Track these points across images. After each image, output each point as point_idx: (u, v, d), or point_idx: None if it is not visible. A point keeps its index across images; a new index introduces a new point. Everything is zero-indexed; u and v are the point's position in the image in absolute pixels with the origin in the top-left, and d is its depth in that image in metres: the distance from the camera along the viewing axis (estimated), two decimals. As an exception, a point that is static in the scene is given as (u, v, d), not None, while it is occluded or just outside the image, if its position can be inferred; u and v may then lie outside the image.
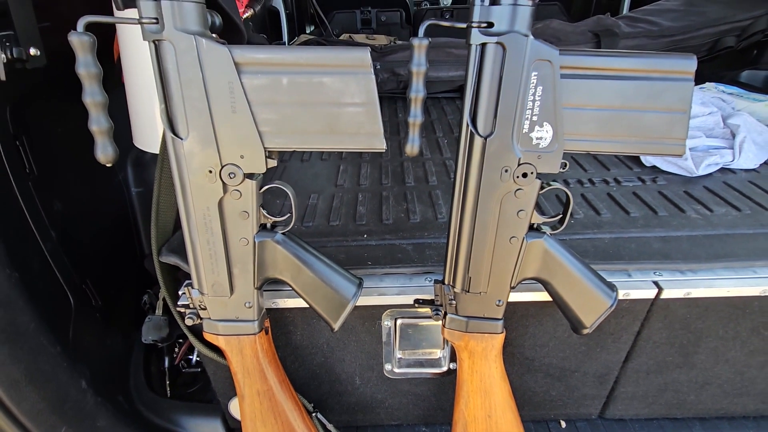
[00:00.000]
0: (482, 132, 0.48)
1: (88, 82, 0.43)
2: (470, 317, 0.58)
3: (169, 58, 0.43)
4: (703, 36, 1.38)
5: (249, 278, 0.54)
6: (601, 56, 0.45)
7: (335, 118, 0.46)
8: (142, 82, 0.74)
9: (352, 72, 0.44)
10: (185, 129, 0.46)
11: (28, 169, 0.66)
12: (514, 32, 0.44)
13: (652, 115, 0.46)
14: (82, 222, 0.80)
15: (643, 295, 0.62)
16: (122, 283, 0.94)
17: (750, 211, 0.77)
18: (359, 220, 0.79)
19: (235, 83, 0.44)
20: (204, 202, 0.49)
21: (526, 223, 0.52)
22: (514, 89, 0.46)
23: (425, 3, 3.82)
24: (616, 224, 0.75)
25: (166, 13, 0.42)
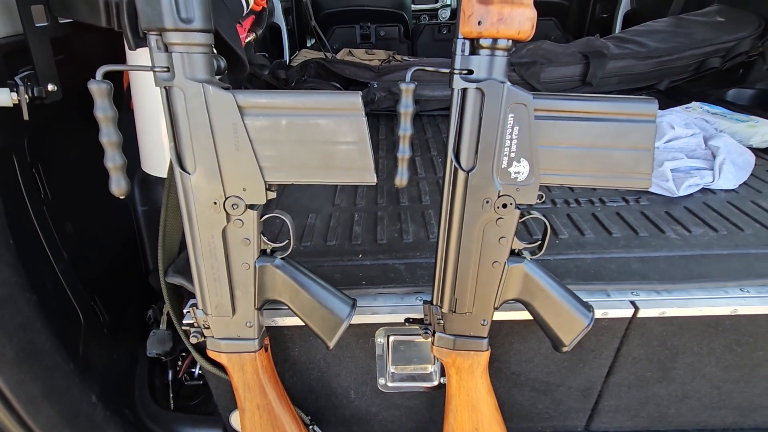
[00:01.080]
0: (465, 167, 0.52)
1: (104, 124, 0.47)
2: (457, 336, 0.62)
3: (179, 103, 0.48)
4: (689, 57, 1.43)
5: (250, 300, 0.58)
6: (571, 100, 0.50)
7: (330, 155, 0.50)
8: (150, 109, 0.78)
9: (345, 114, 0.49)
10: (192, 165, 0.51)
11: (43, 194, 0.70)
12: (491, 79, 0.48)
13: (620, 152, 0.51)
14: (91, 241, 0.84)
15: (621, 314, 0.66)
16: (128, 298, 0.98)
17: (726, 231, 0.81)
18: (355, 239, 0.83)
19: (239, 124, 0.49)
20: (209, 230, 0.54)
21: (508, 248, 0.56)
22: (493, 129, 0.50)
23: (424, 17, 3.90)
24: (599, 244, 0.79)
25: (177, 63, 0.46)
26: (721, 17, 1.53)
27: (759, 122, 1.17)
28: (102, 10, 0.60)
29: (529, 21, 0.45)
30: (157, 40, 0.46)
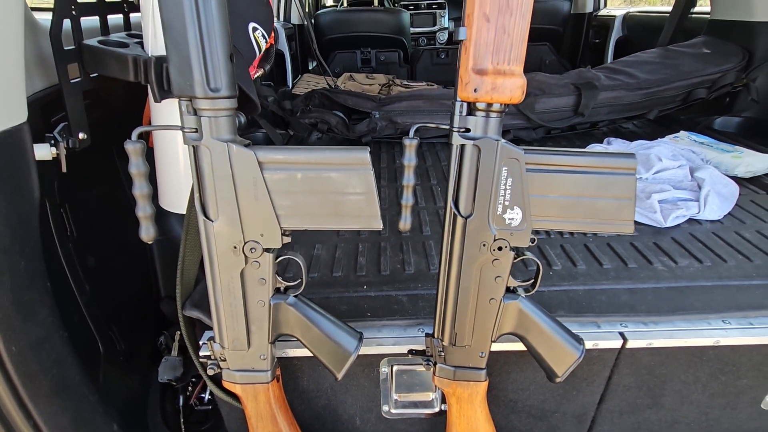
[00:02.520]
0: (463, 213, 0.57)
1: (138, 179, 0.52)
2: (457, 367, 0.66)
3: (205, 160, 0.53)
4: (676, 88, 1.50)
5: (264, 335, 0.62)
6: (559, 155, 0.55)
7: (340, 204, 0.55)
8: (170, 152, 0.83)
9: (354, 168, 0.54)
10: (215, 213, 0.56)
11: (69, 232, 0.75)
12: (487, 138, 0.53)
13: (604, 201, 0.56)
14: (110, 273, 0.89)
15: (611, 345, 0.70)
16: (141, 325, 1.01)
17: (710, 263, 0.86)
18: (359, 270, 0.87)
19: (258, 178, 0.54)
20: (229, 272, 0.58)
21: (503, 286, 0.61)
22: (488, 181, 0.55)
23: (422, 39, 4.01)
24: (590, 276, 0.83)
25: (205, 126, 0.51)
26: (707, 49, 1.61)
27: (743, 153, 1.23)
28: (131, 68, 0.66)
29: (519, 89, 0.51)
30: (188, 105, 0.51)
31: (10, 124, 0.48)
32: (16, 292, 0.49)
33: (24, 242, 0.50)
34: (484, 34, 0.48)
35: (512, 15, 0.48)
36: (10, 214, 0.48)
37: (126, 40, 0.72)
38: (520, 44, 0.49)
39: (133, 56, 0.65)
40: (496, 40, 0.48)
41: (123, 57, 0.65)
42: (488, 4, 0.47)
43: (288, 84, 2.57)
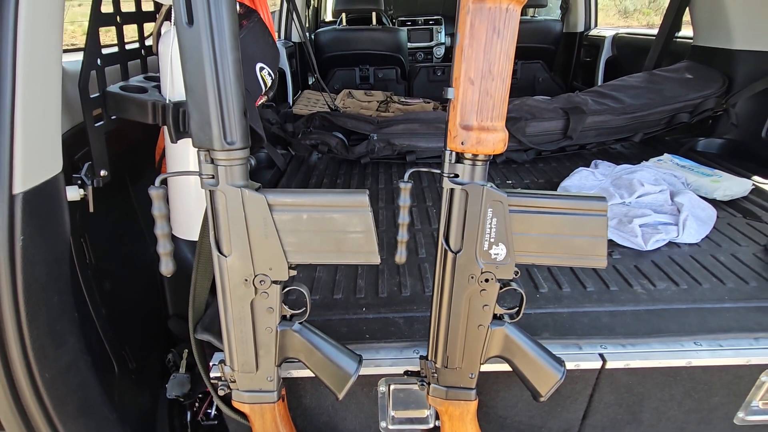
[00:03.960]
0: (453, 249, 0.63)
1: (159, 220, 0.58)
2: (449, 387, 0.71)
3: (220, 202, 0.59)
4: (660, 112, 1.57)
5: (271, 358, 0.68)
6: (539, 197, 0.61)
7: (342, 241, 0.61)
8: (182, 180, 0.89)
9: (354, 210, 0.60)
10: (229, 249, 0.61)
11: (88, 260, 0.80)
12: (473, 183, 0.60)
13: (579, 239, 0.62)
14: (123, 294, 0.94)
15: (591, 366, 0.76)
16: (150, 343, 1.07)
17: (686, 286, 0.92)
18: (358, 293, 0.93)
19: (268, 218, 0.60)
20: (240, 302, 0.64)
21: (490, 314, 0.67)
22: (475, 220, 0.61)
23: (419, 54, 4.10)
24: (574, 298, 0.89)
25: (221, 173, 0.57)
26: (690, 74, 1.68)
27: (722, 177, 1.30)
28: (150, 112, 0.72)
29: (501, 142, 0.57)
30: (206, 155, 0.57)
31: (50, 175, 0.53)
32: (49, 323, 0.55)
33: (57, 278, 0.56)
34: (470, 96, 0.55)
35: (494, 80, 0.54)
36: (47, 255, 0.54)
37: (144, 84, 0.78)
38: (501, 104, 0.55)
39: (152, 101, 0.71)
40: (480, 101, 0.55)
41: (143, 102, 0.71)
42: (473, 70, 0.54)
43: (288, 100, 2.64)
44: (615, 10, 15.38)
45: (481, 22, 0.52)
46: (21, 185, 0.49)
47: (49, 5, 0.51)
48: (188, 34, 0.51)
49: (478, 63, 0.53)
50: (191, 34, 0.50)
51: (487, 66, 0.54)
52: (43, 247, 0.53)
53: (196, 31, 0.50)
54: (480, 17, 0.52)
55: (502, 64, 0.54)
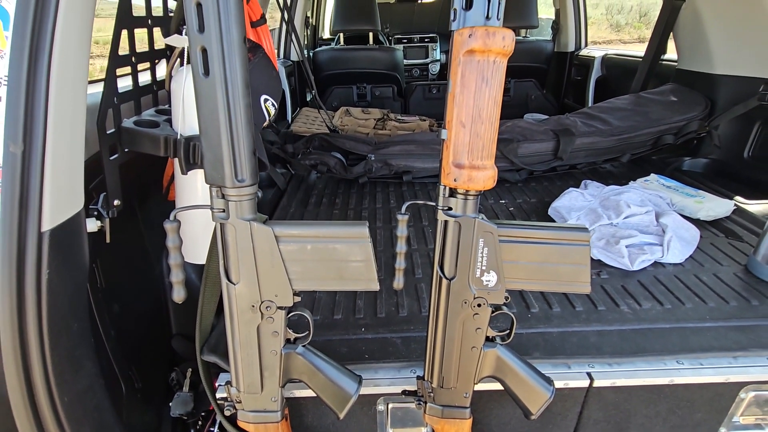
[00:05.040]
0: (447, 276, 0.68)
1: (173, 252, 0.62)
2: (444, 406, 0.75)
3: (230, 235, 0.63)
4: (646, 134, 1.64)
5: (275, 380, 0.71)
6: (526, 228, 0.66)
7: (343, 270, 0.66)
8: (190, 200, 0.93)
9: (355, 241, 0.64)
10: (237, 277, 0.66)
11: (99, 284, 0.84)
12: (466, 216, 0.64)
13: (564, 266, 0.66)
14: (130, 315, 0.98)
15: (580, 385, 0.80)
16: (154, 362, 1.09)
17: (670, 305, 0.97)
18: (358, 313, 0.97)
19: (274, 249, 0.64)
20: (247, 326, 0.68)
21: (483, 336, 0.71)
22: (468, 250, 0.66)
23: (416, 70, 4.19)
24: (564, 318, 0.94)
25: (231, 208, 0.62)
26: (675, 97, 1.76)
27: (705, 198, 1.36)
28: (162, 145, 0.76)
29: (491, 179, 0.62)
30: (217, 191, 0.62)
31: (74, 212, 0.57)
32: (69, 350, 0.58)
33: (77, 306, 0.59)
34: (461, 137, 0.60)
35: (483, 123, 0.59)
36: (68, 285, 0.57)
37: (156, 117, 0.83)
38: (491, 145, 0.60)
39: (164, 136, 0.75)
40: (471, 142, 0.60)
41: (156, 137, 0.75)
42: (464, 114, 0.59)
43: (287, 118, 2.70)
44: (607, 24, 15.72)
45: (471, 72, 0.57)
46: (49, 223, 0.53)
47: (77, 54, 0.55)
48: (204, 84, 0.55)
49: (469, 108, 0.59)
50: (207, 83, 0.55)
51: (476, 111, 0.59)
52: (65, 278, 0.56)
53: (212, 82, 0.55)
54: (470, 68, 0.57)
55: (490, 109, 0.59)
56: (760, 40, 1.50)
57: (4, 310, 0.50)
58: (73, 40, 0.54)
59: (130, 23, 0.76)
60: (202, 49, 0.54)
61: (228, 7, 0.53)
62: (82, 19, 0.55)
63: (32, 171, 0.50)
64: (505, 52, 0.56)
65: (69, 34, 0.53)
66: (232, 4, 0.53)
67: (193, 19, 0.53)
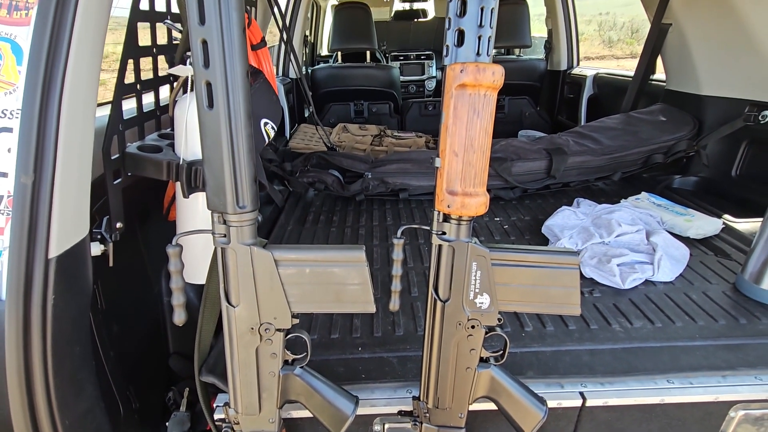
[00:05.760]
0: (442, 298, 0.70)
1: (175, 276, 0.64)
2: (440, 426, 0.76)
3: (231, 259, 0.65)
4: (636, 153, 1.68)
5: (273, 401, 0.73)
6: (518, 252, 0.68)
7: (341, 293, 0.67)
8: (189, 226, 0.95)
9: (352, 264, 0.66)
10: (237, 300, 0.67)
11: (100, 305, 0.85)
12: (459, 240, 0.67)
13: (555, 289, 0.69)
14: (129, 335, 0.98)
15: (572, 404, 0.81)
16: (152, 381, 1.10)
17: (660, 324, 0.99)
18: (354, 332, 0.98)
19: (274, 272, 0.66)
20: (246, 349, 0.69)
21: (477, 357, 0.73)
22: (461, 273, 0.68)
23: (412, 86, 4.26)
24: (557, 337, 0.95)
25: (233, 233, 0.64)
26: (664, 116, 1.81)
27: (694, 216, 1.39)
28: (164, 169, 0.79)
29: (483, 205, 0.64)
30: (218, 217, 0.64)
31: (79, 238, 0.59)
32: (71, 373, 0.59)
33: (80, 330, 0.61)
34: (454, 166, 0.62)
35: (475, 152, 0.62)
36: (72, 310, 0.59)
37: (159, 142, 0.85)
38: (482, 172, 0.63)
39: (167, 161, 0.78)
40: (464, 170, 0.62)
41: (159, 162, 0.78)
42: (456, 144, 0.62)
43: (286, 134, 2.74)
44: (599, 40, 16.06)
45: (463, 105, 0.60)
46: (55, 250, 0.54)
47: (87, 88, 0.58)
48: (209, 116, 0.58)
49: (461, 138, 0.61)
50: (211, 115, 0.58)
51: (469, 141, 0.61)
52: (70, 303, 0.58)
53: (216, 114, 0.58)
54: (462, 101, 0.60)
55: (482, 139, 0.62)
56: (744, 63, 1.56)
57: (10, 336, 0.51)
58: (83, 75, 0.56)
59: (136, 53, 0.79)
60: (207, 83, 0.57)
61: (232, 44, 0.55)
62: (92, 54, 0.58)
63: (41, 201, 0.52)
64: (495, 86, 0.59)
65: (80, 69, 0.55)
66: (235, 42, 0.56)
67: (199, 55, 0.56)
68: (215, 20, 0.54)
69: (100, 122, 0.81)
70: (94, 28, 0.58)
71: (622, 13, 15.64)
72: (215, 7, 0.53)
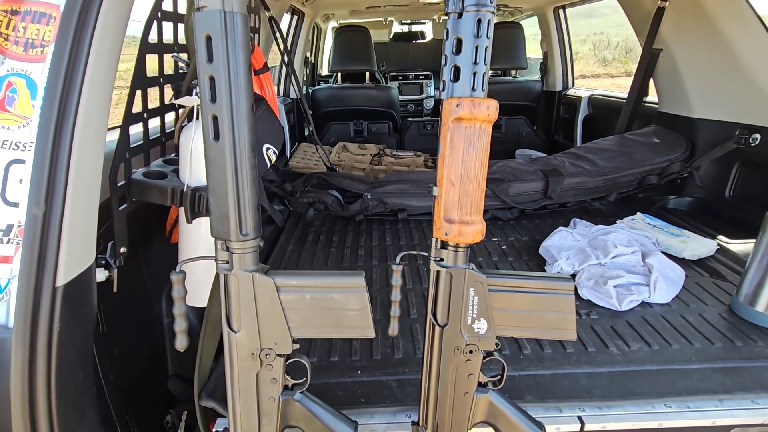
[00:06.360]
0: (440, 323, 0.71)
1: (178, 302, 0.65)
2: (439, 452, 0.76)
3: (233, 285, 0.66)
4: (631, 174, 1.71)
5: (273, 426, 0.73)
6: (514, 278, 0.70)
7: (340, 318, 0.68)
8: (192, 250, 0.97)
9: (352, 291, 0.68)
10: (238, 326, 0.68)
11: (101, 328, 0.86)
12: (457, 267, 0.68)
13: (551, 314, 0.70)
14: (130, 358, 0.99)
15: (571, 429, 0.82)
16: (150, 404, 1.09)
17: (657, 347, 0.99)
18: (354, 355, 0.99)
19: (275, 298, 0.67)
20: (246, 374, 0.70)
21: (475, 382, 0.73)
22: (459, 298, 0.69)
23: (411, 105, 4.33)
24: (555, 360, 0.96)
25: (235, 260, 0.65)
26: (657, 138, 1.84)
27: (689, 238, 1.41)
28: (169, 195, 0.81)
29: (479, 233, 0.66)
30: (222, 244, 0.65)
31: (86, 266, 0.61)
32: (74, 400, 0.60)
33: (83, 356, 0.61)
34: (451, 195, 0.64)
35: (471, 182, 0.64)
36: (77, 337, 0.60)
37: (163, 168, 0.87)
38: (478, 201, 0.65)
39: (171, 187, 0.80)
40: (460, 200, 0.64)
41: (164, 188, 0.80)
42: (453, 174, 0.64)
43: (286, 153, 2.77)
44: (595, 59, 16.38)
45: (459, 137, 0.63)
46: (63, 278, 0.56)
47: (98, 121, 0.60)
48: (214, 148, 0.60)
49: (458, 169, 0.63)
50: (217, 147, 0.60)
51: (465, 171, 0.64)
52: (75, 330, 0.59)
53: (222, 145, 0.60)
54: (458, 133, 0.62)
55: (477, 170, 0.64)
56: (733, 88, 1.60)
57: (16, 364, 0.52)
58: (95, 108, 0.59)
59: (144, 84, 0.82)
60: (214, 117, 0.59)
61: (238, 80, 0.58)
62: (103, 88, 0.60)
63: (51, 231, 0.54)
64: (490, 119, 0.62)
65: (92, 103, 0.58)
66: (242, 78, 0.58)
67: (207, 91, 0.58)
68: (222, 58, 0.57)
69: (106, 147, 0.83)
70: (106, 64, 0.61)
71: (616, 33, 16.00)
72: (222, 46, 0.56)
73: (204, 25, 0.55)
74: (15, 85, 0.59)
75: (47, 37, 0.58)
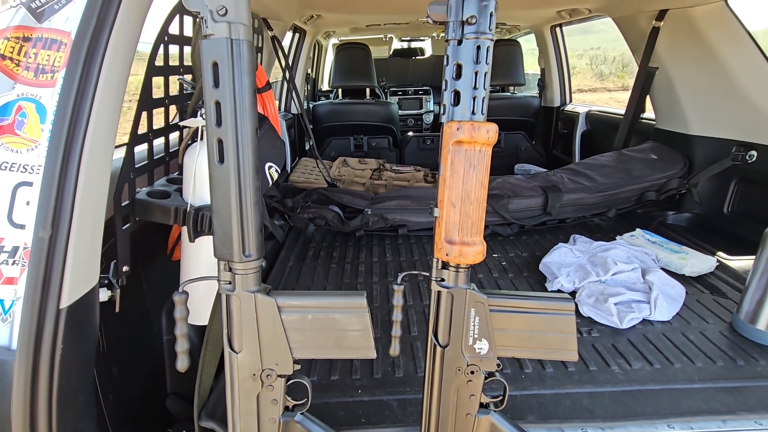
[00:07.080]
0: (441, 343, 0.71)
1: (180, 323, 0.65)
2: (441, 474, 0.75)
3: (235, 306, 0.67)
4: (629, 191, 1.72)
5: (273, 448, 0.72)
6: (515, 298, 0.70)
7: (342, 339, 0.69)
8: (193, 269, 0.97)
9: (353, 311, 0.68)
10: (240, 346, 0.68)
11: (102, 347, 0.86)
12: (458, 287, 0.69)
13: (552, 335, 0.70)
14: (129, 377, 0.98)
15: (573, 450, 0.81)
16: (149, 423, 1.08)
17: (659, 365, 0.99)
18: (354, 374, 0.98)
19: (277, 319, 0.67)
20: (247, 395, 0.69)
21: (477, 403, 0.73)
22: (460, 319, 0.69)
23: (410, 120, 4.37)
24: (557, 379, 0.95)
25: (238, 281, 0.66)
26: (655, 154, 1.86)
27: (689, 254, 1.41)
28: (172, 215, 0.81)
29: (480, 253, 0.67)
30: (224, 264, 0.66)
31: (89, 287, 0.61)
32: (74, 422, 0.59)
33: (84, 378, 0.61)
34: (452, 216, 0.65)
35: (471, 204, 0.65)
36: (79, 358, 0.60)
37: (167, 187, 0.88)
38: (479, 222, 0.66)
39: (174, 207, 0.81)
40: (461, 221, 0.65)
41: (167, 208, 0.80)
42: (454, 196, 0.65)
43: (287, 168, 2.79)
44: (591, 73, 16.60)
45: (459, 160, 0.64)
46: (67, 300, 0.56)
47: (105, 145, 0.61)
48: (219, 170, 0.61)
49: (458, 191, 0.64)
50: (222, 170, 0.61)
51: (465, 193, 0.65)
52: (77, 351, 0.59)
53: (226, 168, 0.61)
54: (459, 156, 0.64)
55: (477, 192, 0.65)
56: (728, 106, 1.62)
57: (18, 386, 0.52)
58: (102, 132, 0.60)
59: (150, 106, 0.83)
60: (219, 140, 0.60)
61: (243, 105, 0.59)
62: (111, 113, 0.61)
63: (56, 253, 0.54)
64: (489, 142, 0.63)
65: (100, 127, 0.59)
66: (246, 103, 0.60)
67: (212, 115, 0.59)
68: (228, 84, 0.58)
69: (111, 166, 0.84)
70: (115, 89, 0.62)
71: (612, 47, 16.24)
72: (228, 73, 0.58)
73: (211, 52, 0.57)
74: (25, 110, 0.61)
75: (58, 63, 0.60)
